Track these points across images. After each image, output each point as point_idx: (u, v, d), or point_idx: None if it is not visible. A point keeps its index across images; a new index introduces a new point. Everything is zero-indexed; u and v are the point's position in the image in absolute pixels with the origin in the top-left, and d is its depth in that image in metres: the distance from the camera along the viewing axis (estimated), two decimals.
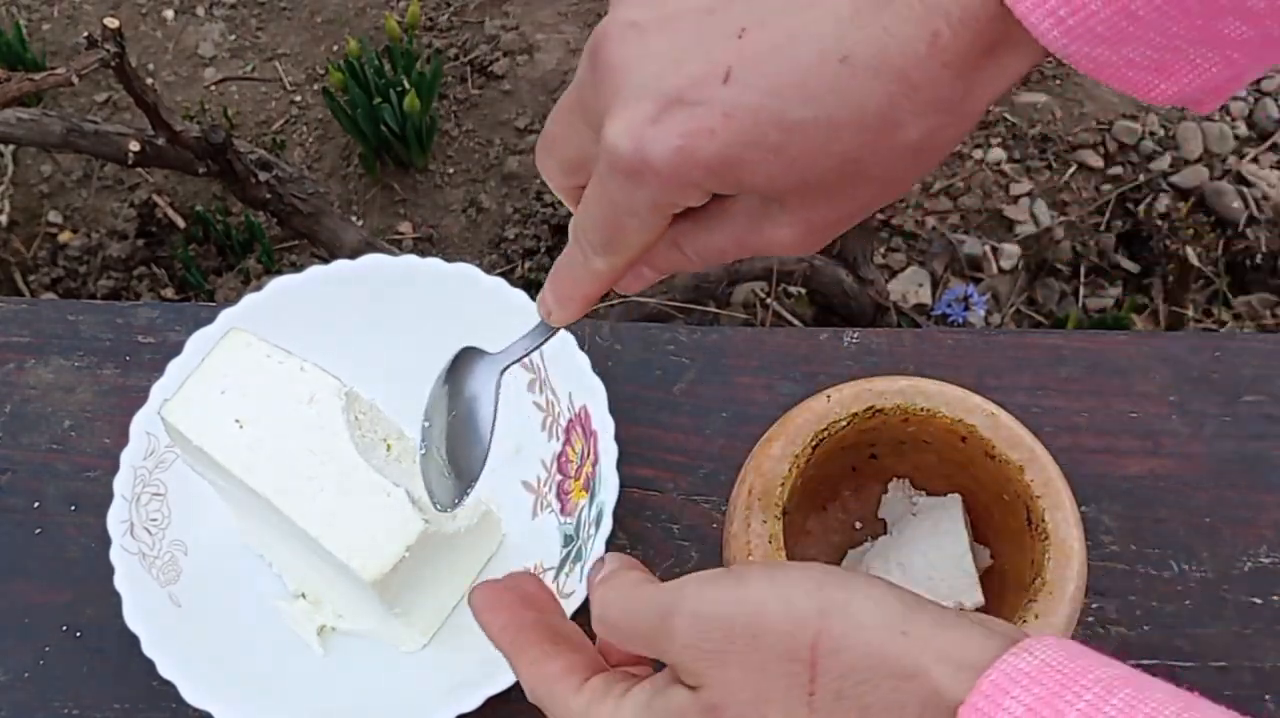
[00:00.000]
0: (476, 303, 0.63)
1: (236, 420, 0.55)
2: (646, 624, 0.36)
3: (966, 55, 0.31)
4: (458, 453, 0.46)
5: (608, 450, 0.58)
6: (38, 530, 0.64)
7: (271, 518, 0.55)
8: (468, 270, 0.64)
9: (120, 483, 0.61)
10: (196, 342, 0.64)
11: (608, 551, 0.48)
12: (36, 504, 0.65)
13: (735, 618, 0.34)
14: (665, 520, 0.63)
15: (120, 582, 0.58)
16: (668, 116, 0.32)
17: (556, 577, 0.58)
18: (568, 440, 0.61)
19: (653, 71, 0.33)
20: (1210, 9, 0.30)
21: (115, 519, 0.60)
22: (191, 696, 0.55)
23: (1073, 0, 0.30)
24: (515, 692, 0.51)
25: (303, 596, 0.61)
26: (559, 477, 0.61)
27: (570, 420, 0.61)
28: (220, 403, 0.55)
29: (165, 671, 0.56)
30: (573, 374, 0.61)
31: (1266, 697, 0.57)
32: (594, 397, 0.60)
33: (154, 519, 0.61)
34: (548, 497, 0.61)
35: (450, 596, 0.60)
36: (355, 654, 0.60)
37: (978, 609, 0.53)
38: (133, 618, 0.57)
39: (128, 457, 0.62)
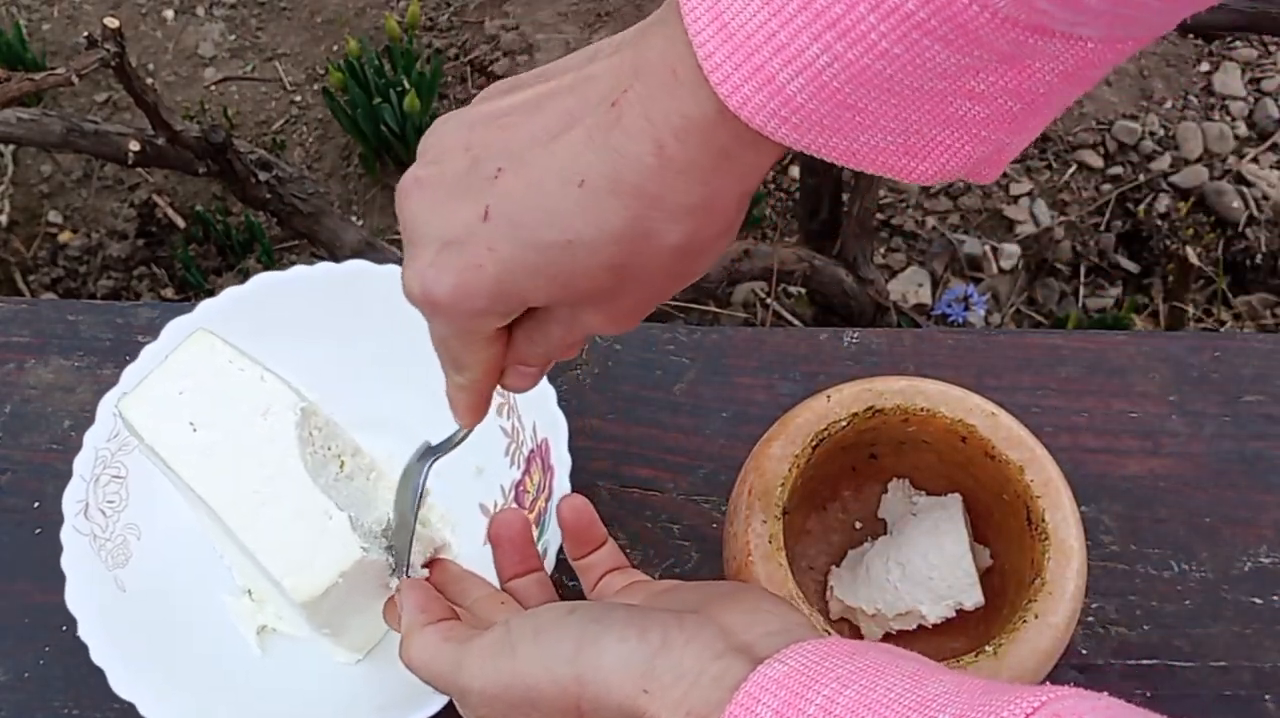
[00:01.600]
0: None
1: (191, 423, 0.54)
2: (444, 682, 0.43)
3: (698, 161, 0.33)
4: (395, 540, 0.52)
5: (561, 489, 0.57)
6: (38, 530, 0.64)
7: (217, 522, 0.55)
8: None
9: (80, 462, 0.61)
10: (172, 330, 0.64)
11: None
12: (36, 504, 0.65)
13: (513, 689, 0.40)
14: (665, 521, 0.63)
15: (66, 562, 0.58)
16: (442, 258, 0.36)
17: None
18: (527, 470, 0.60)
19: (428, 220, 0.37)
20: (931, 94, 0.31)
21: (71, 498, 0.60)
22: (118, 685, 0.55)
23: (788, 101, 0.30)
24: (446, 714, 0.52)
25: (249, 593, 0.61)
26: (514, 506, 0.60)
27: (532, 451, 0.60)
28: (178, 403, 0.55)
29: (97, 656, 0.56)
30: (537, 404, 0.59)
31: (1267, 697, 0.57)
32: (555, 430, 0.59)
33: (110, 502, 0.61)
34: None
35: (381, 624, 0.58)
36: (292, 658, 0.59)
37: (977, 609, 0.53)
38: (73, 600, 0.57)
39: (91, 437, 0.61)
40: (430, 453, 0.49)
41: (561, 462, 0.58)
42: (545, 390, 0.59)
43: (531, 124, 0.35)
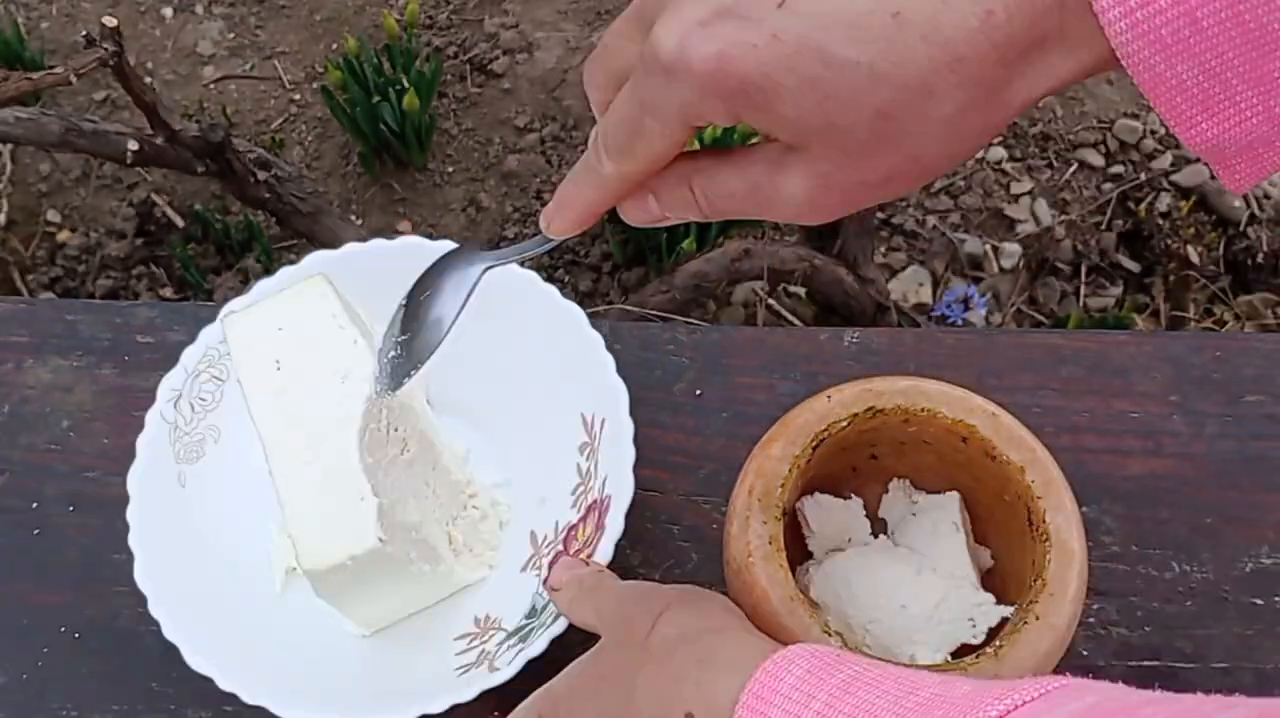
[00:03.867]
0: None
1: (277, 361, 0.55)
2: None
3: (1015, 40, 0.32)
4: (415, 334, 0.45)
5: (603, 554, 0.56)
6: (36, 531, 0.64)
7: (266, 461, 0.55)
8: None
9: (188, 355, 0.63)
10: (313, 261, 0.65)
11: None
12: (35, 505, 0.65)
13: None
14: (665, 521, 0.63)
15: (141, 441, 0.60)
16: (717, 23, 0.33)
17: (503, 642, 0.56)
18: (584, 518, 0.59)
19: None
20: (1269, 38, 0.30)
21: (167, 385, 0.62)
22: (141, 574, 0.56)
23: None
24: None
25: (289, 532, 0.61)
26: (560, 547, 0.59)
27: (594, 502, 0.59)
28: (274, 337, 0.56)
29: (133, 540, 0.57)
30: (616, 461, 0.58)
31: None
32: (621, 493, 0.57)
33: (202, 399, 0.62)
34: (543, 559, 0.59)
35: (390, 613, 0.59)
36: (308, 611, 0.58)
37: (979, 607, 0.53)
38: (133, 480, 0.59)
39: (205, 335, 0.63)
40: (487, 258, 0.43)
41: (614, 524, 0.56)
42: (627, 452, 0.57)
43: None
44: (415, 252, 0.63)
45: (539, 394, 0.63)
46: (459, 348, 0.62)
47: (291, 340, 0.56)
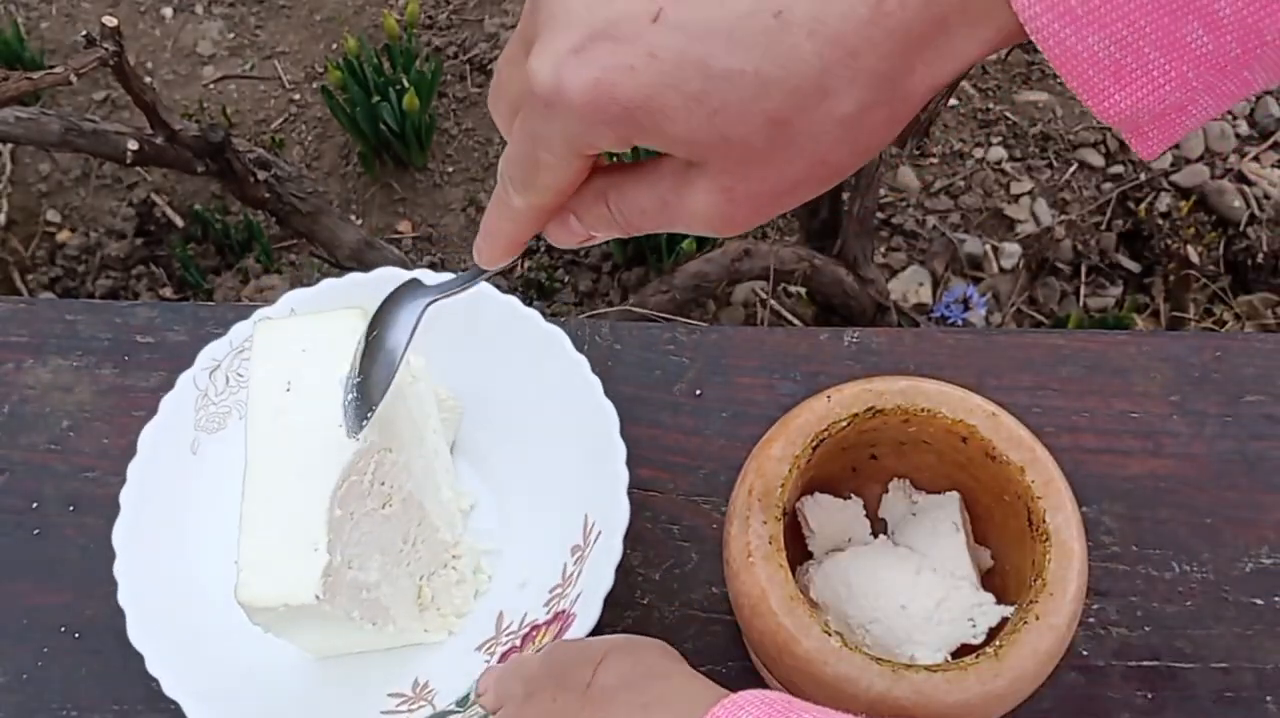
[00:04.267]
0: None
1: (288, 382, 0.55)
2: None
3: (913, 25, 0.30)
4: (368, 374, 0.47)
5: None
6: (36, 531, 0.64)
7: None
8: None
9: (236, 330, 0.63)
10: (381, 279, 0.63)
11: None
12: (35, 505, 0.65)
13: None
14: (665, 521, 0.63)
15: (166, 401, 0.61)
16: (591, 48, 0.31)
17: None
18: (549, 622, 0.58)
19: (584, 4, 0.32)
20: (1177, 3, 0.29)
21: (206, 354, 0.63)
22: (118, 532, 0.57)
23: None
24: None
25: None
26: (518, 642, 0.58)
27: (562, 612, 0.58)
28: (295, 357, 0.56)
29: (125, 497, 0.58)
30: (594, 580, 0.56)
31: (1268, 698, 0.57)
32: (584, 616, 0.55)
33: (240, 375, 0.63)
34: (499, 647, 0.58)
35: (333, 649, 0.58)
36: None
37: (979, 607, 0.53)
38: (145, 439, 0.60)
39: (259, 313, 0.64)
40: (425, 293, 0.44)
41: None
42: (605, 575, 0.55)
43: None
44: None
45: (545, 449, 0.62)
46: (480, 392, 0.63)
47: (309, 367, 0.55)
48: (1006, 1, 0.30)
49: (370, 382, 0.47)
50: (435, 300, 0.44)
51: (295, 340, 0.56)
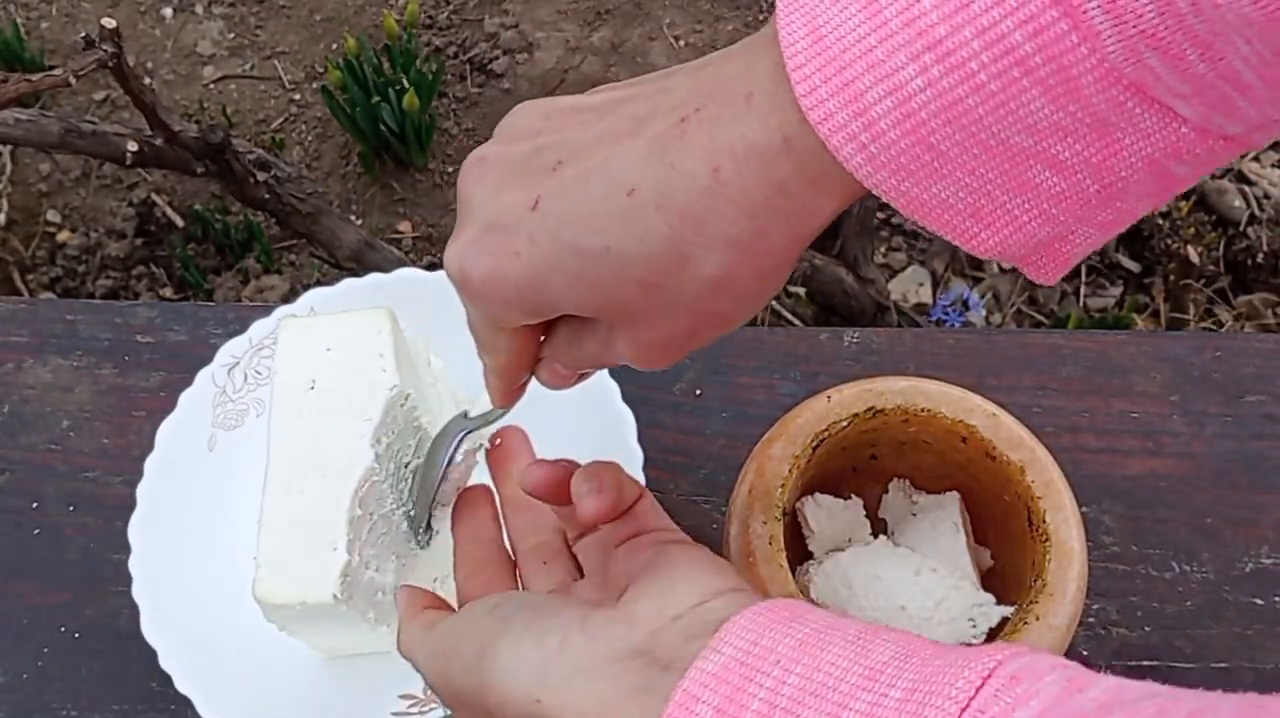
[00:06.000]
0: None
1: (312, 382, 0.55)
2: (418, 668, 0.41)
3: (752, 192, 0.32)
4: (418, 500, 0.53)
5: None
6: (36, 531, 0.64)
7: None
8: None
9: (257, 328, 0.63)
10: (404, 282, 0.64)
11: None
12: (35, 505, 0.65)
13: (447, 686, 0.38)
14: None
15: (184, 397, 0.61)
16: (485, 238, 0.36)
17: None
18: None
19: (483, 199, 0.36)
20: (1014, 151, 0.30)
21: (226, 351, 0.63)
22: (134, 527, 0.58)
23: (870, 125, 0.29)
24: None
25: None
26: None
27: None
28: (319, 357, 0.56)
29: (142, 490, 0.59)
30: None
31: None
32: None
33: (259, 372, 0.63)
34: None
35: (344, 649, 0.58)
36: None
37: (979, 607, 0.53)
38: (163, 433, 0.60)
39: (281, 311, 0.64)
40: (464, 424, 0.48)
41: None
42: None
43: (601, 124, 0.35)
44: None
45: (560, 452, 0.60)
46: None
47: (334, 366, 0.55)
48: (841, 167, 0.30)
49: (418, 506, 0.53)
50: (466, 434, 0.49)
51: (320, 339, 0.56)
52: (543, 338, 0.41)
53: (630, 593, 0.36)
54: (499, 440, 0.49)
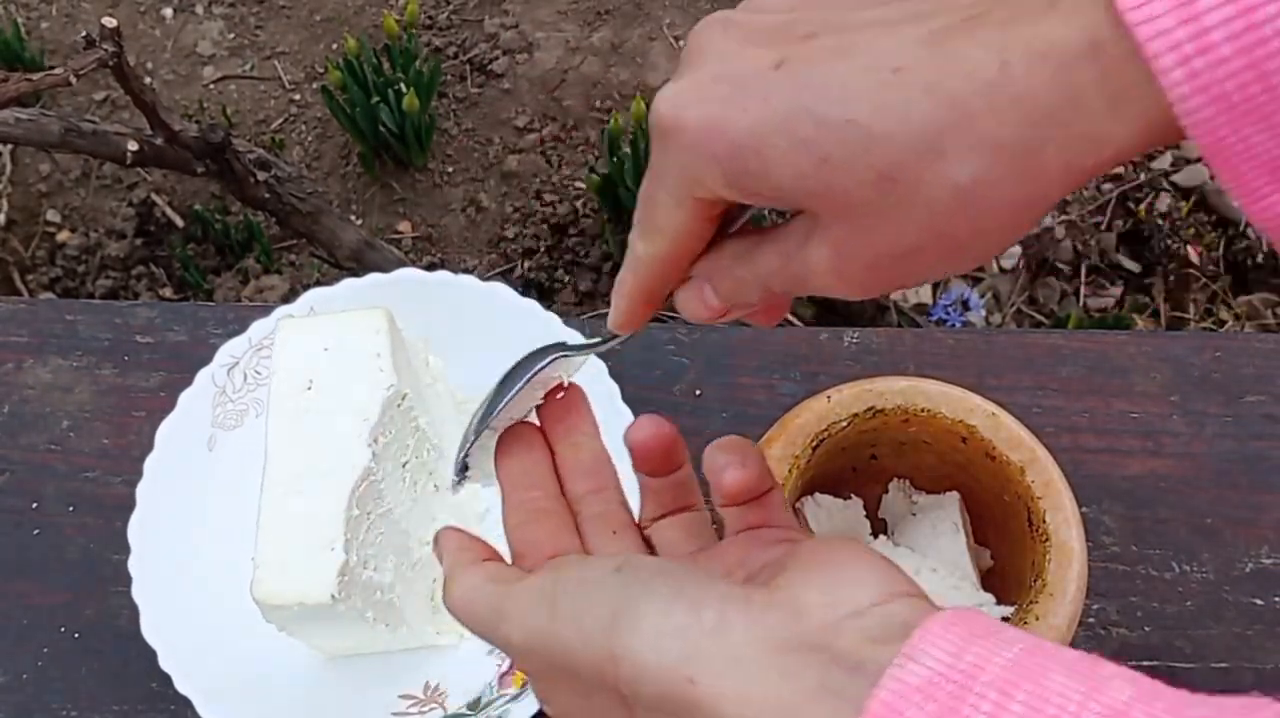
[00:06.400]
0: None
1: (310, 381, 0.55)
2: (484, 628, 0.37)
3: (1041, 94, 0.28)
4: (465, 432, 0.43)
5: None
6: (36, 531, 0.64)
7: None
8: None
9: (256, 328, 0.63)
10: (402, 282, 0.64)
11: None
12: (35, 505, 0.65)
13: (551, 651, 0.34)
14: None
15: (184, 398, 0.62)
16: (712, 88, 0.32)
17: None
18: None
19: (718, 50, 0.33)
20: None
21: (225, 351, 0.63)
22: (134, 527, 0.58)
23: (1200, 35, 0.26)
24: None
25: None
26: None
27: None
28: (317, 356, 0.56)
29: (142, 489, 0.59)
30: None
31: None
32: None
33: (258, 372, 0.63)
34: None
35: (344, 649, 0.58)
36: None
37: (979, 607, 0.53)
38: (164, 433, 0.61)
39: (280, 311, 0.64)
40: (562, 349, 0.41)
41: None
42: None
43: (873, 11, 0.31)
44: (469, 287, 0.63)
45: None
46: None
47: (332, 366, 0.55)
48: (1154, 80, 0.27)
49: (472, 428, 0.42)
50: (560, 358, 0.41)
51: (318, 339, 0.56)
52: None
53: (786, 580, 0.32)
54: (562, 394, 0.43)
